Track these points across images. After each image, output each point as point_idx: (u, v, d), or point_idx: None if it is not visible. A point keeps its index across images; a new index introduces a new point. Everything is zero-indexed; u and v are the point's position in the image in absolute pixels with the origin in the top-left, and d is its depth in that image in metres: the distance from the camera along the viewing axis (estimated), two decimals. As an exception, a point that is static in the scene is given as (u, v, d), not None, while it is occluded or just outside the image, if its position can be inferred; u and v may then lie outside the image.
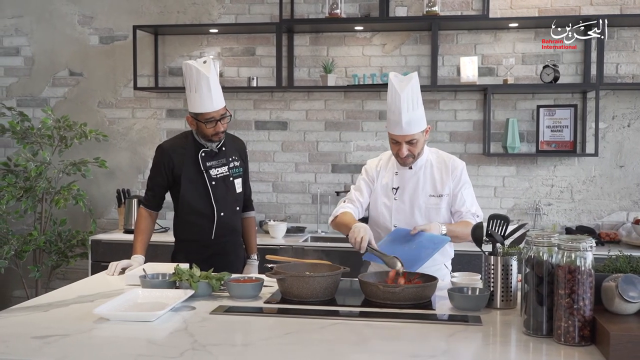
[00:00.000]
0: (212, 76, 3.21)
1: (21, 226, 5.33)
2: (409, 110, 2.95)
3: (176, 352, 1.97)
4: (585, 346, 2.03)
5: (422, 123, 3.03)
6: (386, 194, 3.16)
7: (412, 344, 2.07)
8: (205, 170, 3.32)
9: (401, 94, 2.95)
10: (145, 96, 5.36)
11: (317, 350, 2.02)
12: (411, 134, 2.99)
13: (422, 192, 3.11)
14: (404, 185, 3.14)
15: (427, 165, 3.16)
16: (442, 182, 3.12)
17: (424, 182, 3.13)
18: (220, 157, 3.38)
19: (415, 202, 3.11)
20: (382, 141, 5.07)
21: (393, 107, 2.98)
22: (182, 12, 5.29)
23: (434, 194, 3.11)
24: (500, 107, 4.92)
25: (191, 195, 3.33)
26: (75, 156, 5.15)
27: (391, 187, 3.15)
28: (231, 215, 3.41)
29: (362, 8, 5.03)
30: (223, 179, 3.37)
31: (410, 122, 2.96)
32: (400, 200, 3.13)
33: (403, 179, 3.14)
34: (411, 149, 3.03)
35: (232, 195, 3.41)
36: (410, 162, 3.10)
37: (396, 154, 3.07)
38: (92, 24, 5.42)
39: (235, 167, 3.43)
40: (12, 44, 5.54)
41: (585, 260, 2.03)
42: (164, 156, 3.34)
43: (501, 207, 4.94)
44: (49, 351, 1.99)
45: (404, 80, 3.01)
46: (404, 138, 3.00)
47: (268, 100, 5.22)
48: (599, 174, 4.85)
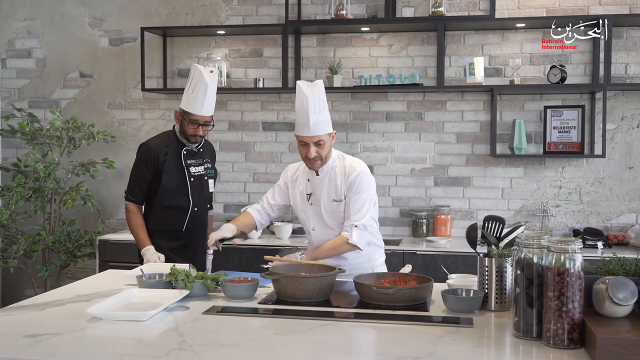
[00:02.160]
0: (212, 85, 3.51)
1: (32, 226, 5.39)
2: (315, 112, 3.13)
3: (162, 351, 1.99)
4: (575, 349, 2.01)
5: (328, 126, 3.21)
6: (302, 200, 3.35)
7: (397, 346, 2.07)
8: (185, 167, 3.62)
9: (309, 97, 3.12)
10: (154, 97, 5.40)
11: (300, 351, 2.03)
12: (318, 134, 3.15)
13: (327, 196, 3.29)
14: (314, 191, 3.32)
15: (331, 171, 3.30)
16: (341, 187, 3.27)
17: (329, 187, 3.29)
18: (198, 158, 3.71)
19: (323, 206, 3.29)
20: (388, 142, 5.06)
21: (301, 111, 3.15)
22: (191, 13, 5.32)
23: (336, 198, 3.28)
24: (507, 107, 4.89)
25: (171, 188, 3.60)
26: (85, 157, 5.20)
27: (305, 193, 3.34)
28: (203, 211, 3.74)
29: (369, 9, 5.02)
30: (200, 177, 3.69)
31: (317, 124, 3.14)
32: (315, 205, 3.31)
33: (314, 184, 3.32)
34: (319, 150, 3.19)
35: (206, 193, 3.74)
36: (318, 165, 3.25)
37: (305, 156, 3.23)
38: (102, 26, 5.47)
39: (208, 168, 3.78)
40: (24, 46, 5.61)
41: (575, 262, 2.01)
42: (150, 153, 3.61)
43: (508, 209, 4.90)
44: (38, 349, 2.01)
45: (311, 85, 3.18)
46: (311, 139, 3.17)
47: (275, 102, 5.23)
48: (608, 175, 4.80)
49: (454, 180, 4.99)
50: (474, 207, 4.95)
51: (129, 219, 3.67)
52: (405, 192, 5.04)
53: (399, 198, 5.07)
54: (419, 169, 5.03)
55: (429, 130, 5.01)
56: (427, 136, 5.02)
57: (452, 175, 4.99)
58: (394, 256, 4.30)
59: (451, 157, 4.99)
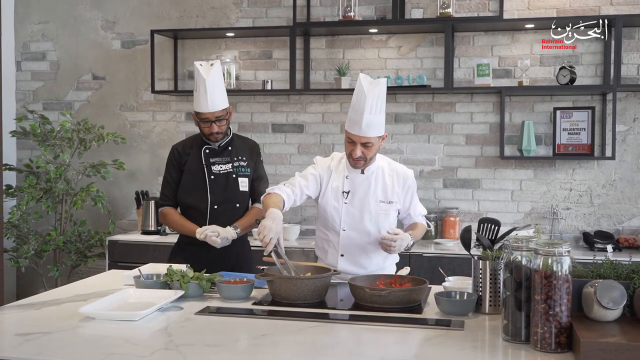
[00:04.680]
0: (211, 79, 3.38)
1: (46, 226, 5.46)
2: (371, 113, 2.98)
3: (148, 351, 2.00)
4: (562, 353, 1.99)
5: (381, 129, 3.06)
6: (336, 197, 3.16)
7: (383, 347, 2.06)
8: (206, 165, 3.51)
9: (367, 96, 2.96)
10: (165, 99, 5.44)
11: (284, 352, 2.03)
12: (368, 136, 3.01)
13: (373, 197, 3.14)
14: (354, 189, 3.15)
15: (378, 171, 3.18)
16: (393, 189, 3.17)
17: (375, 187, 3.16)
18: (225, 155, 3.56)
19: (365, 207, 3.13)
20: (397, 144, 5.04)
21: (357, 107, 3.00)
22: (201, 16, 5.36)
23: (384, 200, 3.16)
24: (517, 109, 4.85)
25: (189, 187, 3.52)
26: (97, 158, 5.26)
27: (341, 190, 3.16)
28: (227, 210, 3.50)
29: (378, 10, 5.02)
30: (226, 175, 3.53)
31: (370, 125, 2.99)
32: (350, 204, 3.15)
33: (354, 183, 3.16)
34: (365, 151, 3.05)
35: (232, 192, 3.52)
36: (361, 165, 3.11)
37: (349, 153, 3.08)
38: (114, 29, 5.53)
39: (241, 166, 3.57)
40: (38, 49, 5.69)
41: (562, 265, 1.99)
42: (174, 153, 3.61)
43: (518, 211, 4.86)
44: (26, 348, 2.04)
45: (373, 83, 3.03)
46: (359, 139, 3.02)
47: (284, 103, 5.24)
48: (620, 177, 4.73)
49: (463, 182, 4.96)
50: (483, 209, 4.92)
51: (167, 222, 3.59)
52: (414, 194, 5.01)
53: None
54: (428, 171, 5.01)
55: (438, 132, 4.99)
56: (436, 138, 4.99)
57: (461, 177, 4.96)
58: (400, 258, 4.26)
59: (460, 159, 4.96)
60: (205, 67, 3.42)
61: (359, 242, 3.14)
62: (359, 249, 3.14)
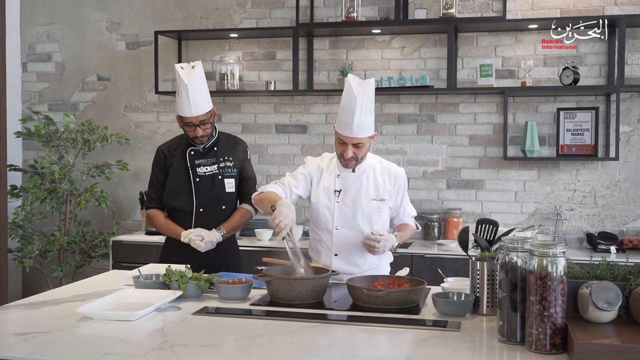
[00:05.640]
0: (192, 83, 3.30)
1: (50, 227, 5.48)
2: (361, 114, 2.98)
3: (142, 351, 2.01)
4: (557, 354, 1.98)
5: (371, 128, 3.07)
6: (328, 197, 3.17)
7: (377, 348, 2.06)
8: (191, 167, 3.46)
9: (357, 97, 2.96)
10: (170, 100, 5.46)
11: (275, 352, 2.03)
12: (359, 137, 3.02)
13: (365, 195, 3.15)
14: (346, 188, 3.16)
15: (369, 169, 3.19)
16: (385, 186, 3.17)
17: (367, 185, 3.16)
18: (211, 157, 3.50)
19: (357, 205, 3.14)
20: (400, 144, 5.04)
21: (347, 108, 3.00)
22: (205, 17, 5.37)
23: (376, 198, 3.16)
24: (521, 110, 4.83)
25: (174, 188, 3.47)
26: (102, 159, 5.28)
27: (333, 189, 3.17)
28: (213, 212, 3.47)
29: (381, 11, 5.02)
30: (211, 176, 3.47)
31: (361, 126, 3.00)
32: (342, 203, 3.15)
33: (346, 181, 3.17)
34: (356, 151, 3.06)
35: (218, 194, 3.47)
36: (352, 165, 3.13)
37: (341, 154, 3.09)
38: (119, 30, 5.55)
39: (227, 167, 3.51)
40: (44, 50, 5.72)
41: (557, 266, 1.98)
42: (159, 155, 3.55)
43: (522, 212, 4.85)
44: (22, 348, 2.05)
45: (362, 84, 3.02)
46: (351, 140, 3.03)
47: (288, 104, 5.25)
48: (624, 178, 4.71)
49: (466, 183, 4.95)
50: (487, 210, 4.90)
51: (153, 225, 3.56)
52: (417, 194, 5.00)
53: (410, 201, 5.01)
54: (431, 172, 5.00)
55: (441, 132, 4.98)
56: (440, 138, 4.99)
57: (464, 178, 4.95)
58: (402, 259, 4.27)
59: (463, 160, 4.95)
60: (186, 70, 3.33)
61: (353, 240, 3.14)
62: (352, 247, 3.15)
